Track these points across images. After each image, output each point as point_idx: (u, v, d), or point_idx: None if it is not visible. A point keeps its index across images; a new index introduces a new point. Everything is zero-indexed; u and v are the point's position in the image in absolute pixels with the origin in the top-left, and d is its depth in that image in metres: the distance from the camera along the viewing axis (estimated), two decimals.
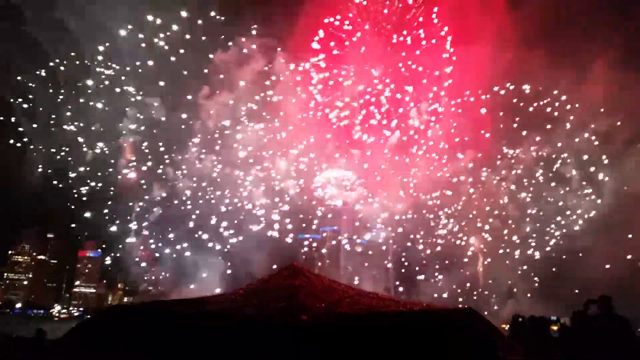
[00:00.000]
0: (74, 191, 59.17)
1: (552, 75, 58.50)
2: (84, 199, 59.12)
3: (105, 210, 59.36)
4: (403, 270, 63.10)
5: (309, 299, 4.79)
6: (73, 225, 65.87)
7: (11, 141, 59.50)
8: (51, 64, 58.53)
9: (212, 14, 60.28)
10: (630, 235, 52.78)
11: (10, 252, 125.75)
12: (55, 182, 59.71)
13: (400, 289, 60.92)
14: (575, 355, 8.83)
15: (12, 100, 58.80)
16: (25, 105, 60.03)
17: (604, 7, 57.52)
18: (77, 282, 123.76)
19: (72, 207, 60.09)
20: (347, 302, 4.82)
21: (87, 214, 60.27)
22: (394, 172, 59.69)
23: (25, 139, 60.78)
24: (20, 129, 60.27)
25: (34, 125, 60.07)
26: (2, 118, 59.42)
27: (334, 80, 63.12)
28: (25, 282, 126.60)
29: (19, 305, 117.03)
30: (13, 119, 59.96)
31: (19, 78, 57.59)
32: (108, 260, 74.48)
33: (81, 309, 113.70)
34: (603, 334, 7.74)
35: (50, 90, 59.19)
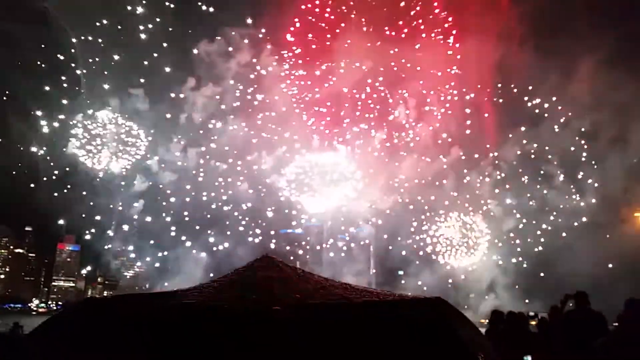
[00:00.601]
0: (53, 191, 57.88)
1: (540, 74, 58.94)
2: (57, 194, 57.69)
3: (84, 206, 58.21)
4: (385, 266, 63.41)
5: (282, 289, 4.70)
6: (52, 217, 64.79)
7: None
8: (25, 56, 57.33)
9: (199, 3, 59.28)
10: (608, 236, 53.69)
11: None
12: (32, 185, 58.51)
13: (382, 283, 61.00)
14: (551, 348, 8.92)
15: None
16: None
17: (598, 6, 57.86)
18: (56, 276, 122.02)
19: (50, 203, 58.89)
20: (321, 292, 4.75)
21: (62, 221, 59.33)
22: (381, 171, 59.28)
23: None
24: None
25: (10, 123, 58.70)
26: None
27: (311, 80, 60.99)
28: (2, 276, 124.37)
29: None
30: None
31: None
32: (87, 254, 73.48)
33: (60, 303, 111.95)
34: (578, 327, 7.79)
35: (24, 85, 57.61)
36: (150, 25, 58.11)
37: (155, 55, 58.08)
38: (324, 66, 60.74)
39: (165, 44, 58.51)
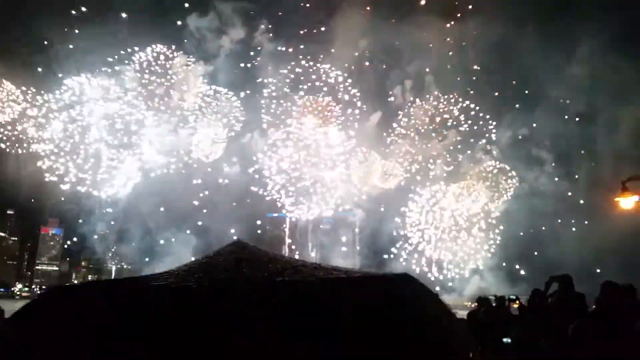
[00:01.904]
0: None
1: (536, 57, 58.62)
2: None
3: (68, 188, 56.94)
4: (371, 249, 63.52)
5: (251, 269, 4.54)
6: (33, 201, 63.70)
7: None
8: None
9: None
10: (596, 220, 54.08)
11: None
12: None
13: (368, 266, 61.18)
14: (531, 331, 8.80)
15: None
16: None
17: None
18: (39, 260, 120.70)
19: (33, 186, 57.65)
20: (289, 272, 4.61)
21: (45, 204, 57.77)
22: (372, 152, 58.76)
23: None
24: None
25: None
26: None
27: (305, 61, 59.59)
28: None
29: None
30: None
31: None
32: (71, 238, 72.63)
33: (44, 287, 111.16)
34: (558, 310, 7.68)
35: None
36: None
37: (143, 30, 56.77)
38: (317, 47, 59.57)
39: (154, 18, 57.34)
